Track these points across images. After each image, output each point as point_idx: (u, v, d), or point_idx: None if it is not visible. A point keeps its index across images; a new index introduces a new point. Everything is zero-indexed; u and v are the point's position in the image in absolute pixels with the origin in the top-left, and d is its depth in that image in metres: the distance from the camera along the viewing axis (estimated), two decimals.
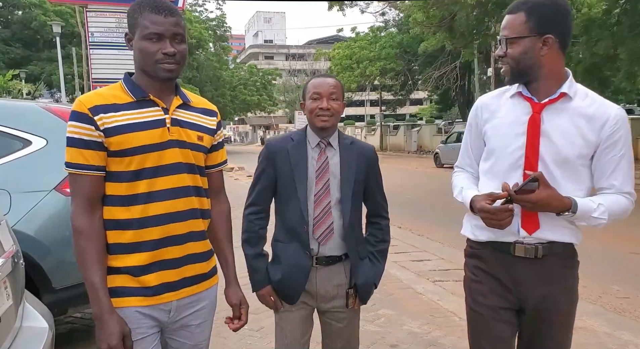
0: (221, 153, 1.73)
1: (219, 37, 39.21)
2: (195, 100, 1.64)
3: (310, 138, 1.89)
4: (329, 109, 1.80)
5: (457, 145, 17.58)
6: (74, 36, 26.03)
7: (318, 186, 1.84)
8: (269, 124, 57.81)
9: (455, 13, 10.45)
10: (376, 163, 1.97)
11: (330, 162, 1.86)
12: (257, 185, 1.91)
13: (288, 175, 1.85)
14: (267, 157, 1.90)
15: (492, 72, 24.96)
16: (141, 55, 1.46)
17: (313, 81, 1.87)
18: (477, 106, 1.78)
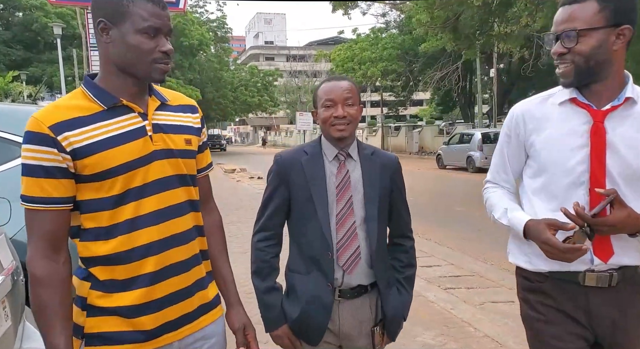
0: (206, 155, 1.48)
1: (219, 38, 39.14)
2: (170, 96, 1.38)
3: (326, 150, 1.66)
4: (345, 117, 1.59)
5: (460, 147, 17.50)
6: (75, 38, 25.95)
7: (340, 205, 1.61)
8: (270, 125, 57.74)
9: (459, 14, 10.36)
10: (401, 175, 1.75)
11: (351, 175, 1.64)
12: (268, 206, 1.67)
13: (304, 193, 1.62)
14: (278, 173, 1.66)
15: (495, 72, 24.87)
16: (132, 52, 1.21)
17: (324, 86, 1.65)
18: (518, 114, 1.56)
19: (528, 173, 1.54)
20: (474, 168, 16.45)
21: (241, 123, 67.35)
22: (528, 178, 1.54)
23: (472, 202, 9.53)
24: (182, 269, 1.30)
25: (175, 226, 1.29)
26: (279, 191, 1.66)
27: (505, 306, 4.08)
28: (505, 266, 5.33)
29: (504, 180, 1.63)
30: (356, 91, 1.64)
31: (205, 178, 1.50)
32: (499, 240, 6.54)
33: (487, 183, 1.69)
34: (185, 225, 1.31)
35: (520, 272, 1.57)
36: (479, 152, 16.33)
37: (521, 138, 1.54)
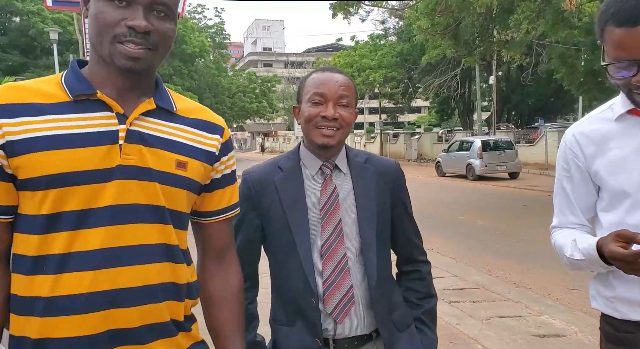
0: (230, 191, 1.13)
1: (217, 44, 39.10)
2: (183, 105, 1.07)
3: (306, 161, 1.32)
4: (336, 119, 1.24)
5: (459, 154, 17.39)
6: (71, 43, 25.85)
7: (326, 232, 1.27)
8: (268, 131, 57.66)
9: (460, 20, 10.29)
10: (404, 185, 1.40)
11: (340, 193, 1.30)
12: (236, 238, 1.29)
13: (280, 220, 1.28)
14: (246, 196, 1.29)
15: (494, 80, 24.85)
16: (92, 26, 0.93)
17: (315, 77, 1.30)
18: (571, 140, 1.30)
19: (601, 207, 1.29)
20: (474, 176, 16.33)
21: (239, 130, 67.25)
22: (602, 213, 1.29)
23: (474, 211, 9.40)
24: (136, 341, 0.94)
25: (129, 278, 0.92)
26: (247, 219, 1.31)
27: (512, 321, 3.92)
28: (511, 278, 5.19)
29: (573, 223, 1.35)
30: (354, 90, 1.31)
31: (225, 224, 1.14)
32: (502, 250, 6.43)
33: (554, 230, 1.41)
34: (148, 278, 0.94)
35: (604, 319, 1.32)
36: (479, 160, 16.22)
37: (583, 168, 1.29)
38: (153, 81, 1.03)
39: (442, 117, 38.95)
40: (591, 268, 1.27)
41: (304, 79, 1.34)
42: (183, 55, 29.91)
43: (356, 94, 1.33)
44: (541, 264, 5.69)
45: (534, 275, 5.35)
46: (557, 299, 4.47)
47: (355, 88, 1.33)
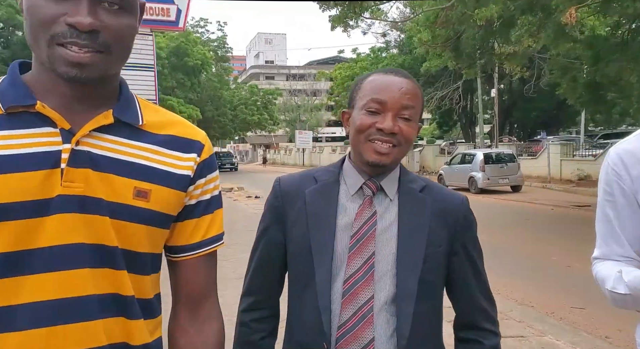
0: (208, 221, 0.92)
1: (220, 57, 39.36)
2: (161, 120, 0.89)
3: (348, 177, 1.11)
4: (394, 134, 1.02)
5: (461, 167, 17.28)
6: None
7: (353, 266, 1.04)
8: (269, 143, 57.75)
9: (461, 33, 10.28)
10: (471, 228, 1.13)
11: (379, 221, 1.06)
12: (253, 257, 1.16)
13: (301, 240, 1.07)
14: (271, 206, 1.14)
15: (496, 92, 24.84)
16: (26, 24, 0.77)
17: (374, 78, 1.07)
18: (615, 160, 1.16)
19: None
20: (477, 189, 16.18)
21: (240, 142, 67.42)
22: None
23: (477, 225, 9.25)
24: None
25: (71, 340, 0.75)
26: (269, 233, 1.13)
27: (514, 341, 3.77)
28: (513, 295, 5.04)
29: (618, 254, 1.18)
30: (420, 100, 1.08)
31: (204, 262, 0.92)
32: (504, 266, 6.27)
33: (595, 261, 1.26)
34: (92, 339, 0.77)
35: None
36: (481, 173, 16.09)
37: (628, 191, 1.14)
38: (114, 89, 0.85)
39: (444, 130, 38.94)
40: (637, 306, 1.11)
41: (360, 80, 1.11)
42: (185, 67, 30.08)
43: (422, 105, 1.11)
44: (544, 280, 5.55)
45: (536, 292, 5.20)
46: (561, 319, 4.32)
47: (422, 98, 1.11)
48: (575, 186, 16.13)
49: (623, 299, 1.10)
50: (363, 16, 11.21)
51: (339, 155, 37.64)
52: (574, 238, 8.05)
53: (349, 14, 10.27)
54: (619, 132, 24.37)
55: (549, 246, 7.42)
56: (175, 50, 29.37)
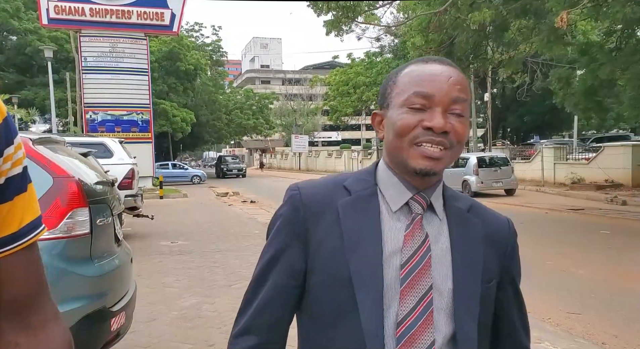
0: (23, 203, 0.67)
1: (215, 61, 39.32)
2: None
3: (387, 188, 0.90)
4: (446, 133, 0.83)
5: (455, 171, 17.28)
6: (68, 61, 25.91)
7: (407, 303, 0.83)
8: (265, 147, 57.68)
9: (454, 37, 10.31)
10: (517, 255, 0.98)
11: (434, 247, 0.87)
12: (262, 285, 0.90)
13: (335, 265, 0.85)
14: (290, 220, 0.89)
15: (489, 97, 24.95)
16: None
17: (414, 69, 0.88)
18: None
19: None
20: (470, 193, 16.18)
21: (236, 146, 67.27)
22: None
23: None
24: None
25: None
26: (287, 256, 0.89)
27: None
28: None
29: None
30: (468, 89, 0.90)
31: (26, 256, 0.68)
32: None
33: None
34: None
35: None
36: (475, 176, 16.11)
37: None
38: None
39: None
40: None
41: (394, 74, 0.90)
42: (178, 72, 30.00)
43: (470, 97, 0.91)
44: (539, 286, 5.51)
45: (532, 297, 5.16)
46: (557, 325, 4.28)
47: (470, 90, 0.92)
48: (568, 190, 16.18)
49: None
50: (357, 21, 11.21)
51: (335, 159, 37.56)
52: (569, 242, 8.04)
53: (343, 19, 10.27)
54: (610, 136, 24.52)
55: (544, 250, 7.40)
56: (167, 54, 29.29)
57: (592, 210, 11.85)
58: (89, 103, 18.81)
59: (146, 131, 19.64)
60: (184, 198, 17.80)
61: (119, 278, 2.76)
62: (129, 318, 2.84)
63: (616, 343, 3.84)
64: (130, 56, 19.19)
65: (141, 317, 4.19)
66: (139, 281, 3.22)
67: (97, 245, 2.60)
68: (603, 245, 7.61)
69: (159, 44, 29.04)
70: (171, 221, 11.00)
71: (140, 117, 19.55)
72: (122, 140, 10.47)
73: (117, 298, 2.70)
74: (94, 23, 18.63)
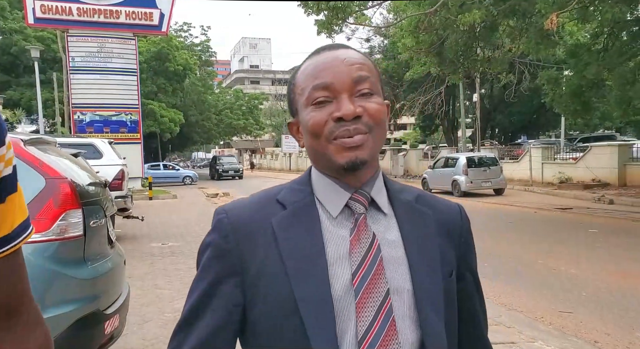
0: (13, 205, 0.63)
1: (204, 62, 39.11)
2: None
3: (323, 194, 0.82)
4: (359, 117, 0.76)
5: (444, 171, 17.41)
6: (55, 62, 25.56)
7: (365, 317, 0.74)
8: (255, 148, 57.52)
9: (444, 38, 10.37)
10: (472, 241, 0.91)
11: (383, 246, 0.79)
12: (193, 327, 0.78)
13: (279, 294, 0.74)
14: (219, 252, 0.79)
15: (477, 97, 25.15)
16: None
17: (309, 63, 0.82)
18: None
19: None
20: (460, 192, 16.30)
21: (226, 146, 67.00)
22: None
23: None
24: None
25: None
26: (221, 292, 0.78)
27: (505, 348, 3.75)
28: (501, 300, 5.03)
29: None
30: (374, 69, 0.82)
31: (13, 260, 0.65)
32: (490, 270, 6.28)
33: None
34: None
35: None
36: (464, 176, 16.23)
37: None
38: None
39: (426, 134, 39.25)
40: None
41: (292, 77, 0.84)
42: (167, 73, 29.78)
43: (379, 75, 0.84)
44: (531, 285, 5.56)
45: (524, 296, 5.21)
46: (549, 324, 4.32)
47: (377, 68, 0.84)
48: (556, 189, 16.36)
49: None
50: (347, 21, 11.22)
51: None
52: (558, 240, 8.12)
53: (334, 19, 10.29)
54: (597, 136, 24.87)
55: (534, 249, 7.47)
56: (156, 54, 29.05)
57: (580, 209, 11.99)
58: (76, 104, 18.59)
59: (135, 131, 19.46)
60: (174, 199, 17.67)
61: (112, 281, 2.72)
62: (122, 320, 2.81)
63: (608, 341, 3.88)
64: (119, 56, 19.01)
65: (134, 319, 4.15)
66: (131, 283, 3.19)
67: (90, 247, 2.56)
68: (591, 243, 7.70)
69: (147, 45, 28.80)
70: (161, 222, 10.91)
71: (129, 118, 19.38)
72: (112, 140, 10.37)
73: (110, 300, 2.67)
74: (81, 23, 18.41)
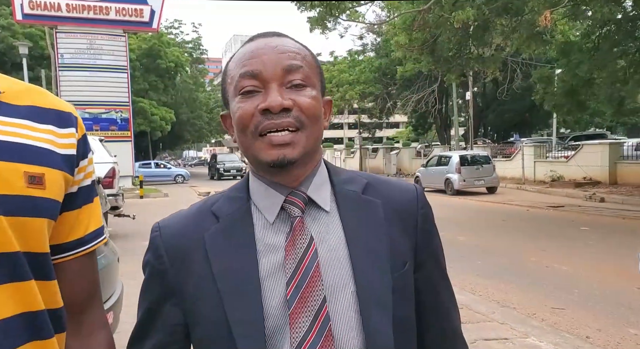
0: (89, 212, 0.76)
1: (195, 59, 38.90)
2: (14, 88, 0.71)
3: (259, 199, 0.78)
4: (287, 110, 0.71)
5: (437, 169, 17.46)
6: (44, 58, 25.27)
7: (299, 329, 0.70)
8: None
9: (437, 36, 10.39)
10: (433, 226, 0.84)
11: (321, 248, 0.74)
12: (141, 344, 0.78)
13: (212, 315, 0.72)
14: (155, 272, 0.77)
15: (470, 96, 25.24)
16: None
17: (240, 51, 0.78)
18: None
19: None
20: (453, 191, 16.36)
21: (217, 145, 66.76)
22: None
23: (454, 226, 9.30)
24: None
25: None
26: (161, 312, 0.76)
27: (499, 344, 3.75)
28: (494, 297, 5.05)
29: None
30: (311, 59, 0.78)
31: (86, 262, 0.76)
32: (483, 267, 6.31)
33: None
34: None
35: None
36: (457, 174, 16.28)
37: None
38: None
39: (419, 132, 39.38)
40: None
41: (225, 66, 0.80)
42: (158, 70, 29.57)
43: (319, 70, 0.79)
44: (524, 282, 5.58)
45: (517, 293, 5.22)
46: (542, 320, 4.33)
47: (315, 60, 0.79)
48: (548, 187, 16.47)
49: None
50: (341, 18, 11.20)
51: None
52: (551, 238, 8.17)
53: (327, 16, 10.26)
54: (588, 134, 25.07)
55: (527, 246, 7.50)
56: (147, 51, 28.83)
57: (571, 207, 12.08)
58: None
59: (125, 129, 19.29)
60: (165, 197, 17.55)
61: (106, 278, 2.68)
62: (116, 318, 2.76)
63: (599, 337, 3.90)
64: (109, 53, 18.81)
65: (127, 317, 4.09)
66: (123, 281, 3.14)
67: None
68: (583, 241, 7.75)
69: (138, 41, 28.57)
70: (153, 220, 10.70)
71: (119, 115, 19.20)
72: (102, 138, 10.26)
73: (104, 297, 2.62)
74: (70, 19, 18.19)
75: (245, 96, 0.73)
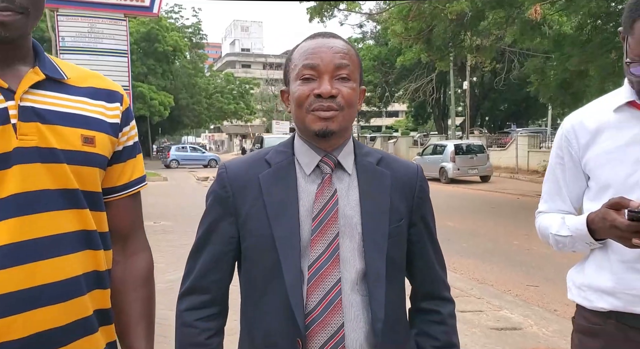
0: (132, 165, 1.04)
1: (194, 44, 38.80)
2: (73, 73, 0.97)
3: (301, 156, 1.04)
4: (333, 97, 0.97)
5: (433, 158, 17.70)
6: (43, 41, 25.23)
7: (316, 250, 0.99)
8: (246, 133, 57.42)
9: (433, 26, 10.57)
10: (427, 197, 1.12)
11: (341, 200, 1.02)
12: (201, 252, 1.06)
13: (262, 234, 1.00)
14: (219, 198, 1.05)
15: (467, 85, 25.41)
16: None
17: (303, 45, 1.03)
18: (568, 129, 1.30)
19: (588, 197, 1.28)
20: (447, 179, 16.65)
21: (216, 131, 66.81)
22: (588, 202, 1.28)
23: (444, 213, 9.63)
24: (59, 342, 0.87)
25: (48, 272, 0.85)
26: (220, 227, 1.04)
27: (473, 315, 4.08)
28: (475, 275, 5.38)
29: (560, 209, 1.34)
30: (356, 59, 1.03)
31: (130, 201, 1.04)
32: (468, 249, 6.62)
33: (540, 214, 1.40)
34: (68, 270, 0.88)
35: (577, 310, 1.32)
36: (452, 163, 16.55)
37: (575, 157, 1.28)
38: (31, 48, 0.93)
39: (418, 122, 39.56)
40: (576, 247, 1.27)
41: (290, 54, 1.05)
42: (156, 54, 29.53)
43: (360, 66, 1.05)
44: (504, 262, 5.91)
45: (497, 272, 5.55)
46: (516, 295, 4.67)
47: (358, 58, 1.05)
48: (541, 177, 16.74)
49: (564, 242, 1.27)
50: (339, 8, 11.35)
51: None
52: None
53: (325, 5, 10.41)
54: None
55: (512, 231, 7.82)
56: (146, 35, 28.76)
57: None
58: None
59: None
60: (164, 181, 17.83)
61: None
62: None
63: (566, 310, 4.23)
64: (110, 37, 18.72)
65: None
66: None
67: None
68: None
69: (137, 25, 28.47)
70: (153, 203, 11.10)
71: None
72: None
73: None
74: (71, 2, 18.19)
75: (305, 81, 0.99)
